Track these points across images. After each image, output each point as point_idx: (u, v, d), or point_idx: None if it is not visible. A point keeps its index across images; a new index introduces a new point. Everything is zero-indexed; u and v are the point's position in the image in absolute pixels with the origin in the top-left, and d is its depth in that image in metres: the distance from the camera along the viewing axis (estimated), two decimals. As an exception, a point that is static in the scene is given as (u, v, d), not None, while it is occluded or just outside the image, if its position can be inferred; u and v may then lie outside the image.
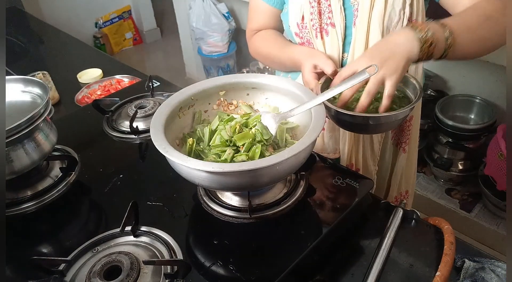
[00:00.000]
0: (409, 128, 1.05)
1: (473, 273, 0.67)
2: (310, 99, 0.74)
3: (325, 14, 0.91)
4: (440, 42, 0.75)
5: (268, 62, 1.10)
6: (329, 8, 0.90)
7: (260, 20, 1.06)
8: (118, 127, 1.05)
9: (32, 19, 2.23)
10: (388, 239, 0.70)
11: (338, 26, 0.90)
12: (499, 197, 1.74)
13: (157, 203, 0.80)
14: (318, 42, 0.94)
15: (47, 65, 1.70)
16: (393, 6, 0.86)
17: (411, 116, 1.04)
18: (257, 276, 0.64)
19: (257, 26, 1.07)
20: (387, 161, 1.11)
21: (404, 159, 1.09)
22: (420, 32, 0.74)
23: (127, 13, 3.91)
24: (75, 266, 0.68)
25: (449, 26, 0.76)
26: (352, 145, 1.01)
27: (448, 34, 0.75)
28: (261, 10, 1.04)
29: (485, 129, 1.79)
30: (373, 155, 1.05)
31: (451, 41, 0.75)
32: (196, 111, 0.83)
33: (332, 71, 0.84)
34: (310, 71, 0.88)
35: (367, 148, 1.03)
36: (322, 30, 0.93)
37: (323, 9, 0.91)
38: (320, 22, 0.92)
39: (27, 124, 0.74)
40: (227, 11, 2.81)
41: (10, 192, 0.81)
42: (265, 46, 1.04)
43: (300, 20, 0.94)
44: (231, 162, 0.70)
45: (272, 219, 0.73)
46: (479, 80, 1.88)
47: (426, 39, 0.73)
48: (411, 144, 1.08)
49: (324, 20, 0.91)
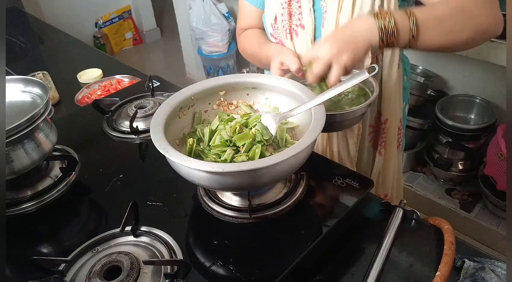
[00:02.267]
0: (384, 131, 1.04)
1: (473, 273, 0.67)
2: (310, 99, 0.74)
3: (295, 15, 0.93)
4: (403, 32, 0.74)
5: (251, 60, 1.11)
6: (299, 10, 0.92)
7: (246, 20, 1.09)
8: (118, 127, 1.05)
9: (32, 19, 2.22)
10: (388, 239, 0.70)
11: (307, 28, 0.92)
12: (499, 197, 1.74)
13: (157, 203, 0.80)
14: (288, 43, 0.96)
15: (47, 65, 1.70)
16: (361, 8, 0.86)
17: (386, 118, 1.02)
18: (257, 276, 0.64)
19: (244, 26, 1.10)
20: (365, 162, 1.11)
21: (381, 162, 1.08)
22: (382, 20, 0.73)
23: (127, 13, 3.91)
24: (75, 266, 0.68)
25: (415, 15, 0.74)
26: (325, 146, 1.02)
27: (412, 24, 0.74)
28: (247, 10, 1.07)
29: (485, 129, 1.79)
30: (349, 157, 1.04)
31: (415, 32, 0.74)
32: (196, 111, 0.83)
33: (296, 69, 0.84)
34: (277, 67, 0.89)
35: (342, 149, 1.03)
36: (292, 31, 0.95)
37: (294, 11, 0.92)
38: (290, 23, 0.94)
39: (27, 124, 0.74)
40: (227, 11, 2.82)
41: (10, 192, 0.81)
42: (248, 44, 1.07)
43: (273, 21, 0.97)
44: (231, 162, 0.70)
45: (272, 219, 0.73)
46: (479, 80, 1.88)
47: (387, 28, 0.73)
48: (388, 147, 1.07)
49: (294, 21, 0.93)
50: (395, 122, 1.04)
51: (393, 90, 0.99)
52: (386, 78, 0.97)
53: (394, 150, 1.08)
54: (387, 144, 1.06)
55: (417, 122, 1.99)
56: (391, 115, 1.02)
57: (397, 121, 1.05)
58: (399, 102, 1.03)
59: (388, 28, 0.73)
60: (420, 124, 1.99)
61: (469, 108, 1.94)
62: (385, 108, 1.01)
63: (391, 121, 1.03)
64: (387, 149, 1.07)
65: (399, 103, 1.03)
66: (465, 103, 1.94)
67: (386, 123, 1.03)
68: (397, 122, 1.05)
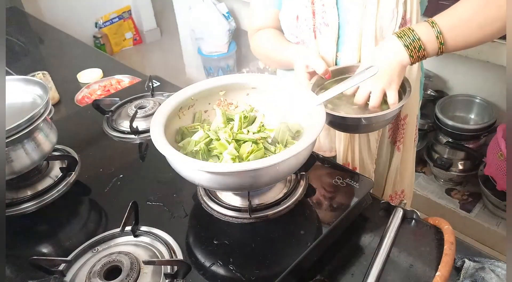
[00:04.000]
0: (403, 127, 1.05)
1: (473, 273, 0.67)
2: (311, 99, 0.74)
3: (319, 14, 0.92)
4: (431, 43, 0.76)
5: (267, 61, 1.11)
6: (322, 8, 0.91)
7: (260, 19, 1.07)
8: (118, 127, 1.05)
9: (32, 19, 2.22)
10: (388, 239, 0.70)
11: (331, 26, 0.91)
12: (499, 197, 1.74)
13: (157, 203, 0.80)
14: (312, 42, 0.95)
15: (47, 65, 1.70)
16: (386, 4, 0.86)
17: (406, 114, 1.03)
18: (257, 276, 0.64)
19: (258, 25, 1.08)
20: (384, 158, 1.11)
21: (399, 158, 1.09)
22: (406, 38, 0.76)
23: (127, 13, 3.91)
24: (75, 266, 0.68)
25: (438, 25, 0.76)
26: (347, 144, 1.02)
27: (437, 32, 0.75)
28: (261, 10, 1.06)
29: (485, 129, 1.79)
30: (370, 153, 1.05)
31: (442, 39, 0.76)
32: (196, 111, 0.83)
33: (323, 71, 0.85)
34: (302, 71, 0.89)
35: (363, 146, 1.03)
36: (316, 29, 0.94)
37: (317, 9, 0.92)
38: (314, 22, 0.93)
39: (27, 124, 0.74)
40: (227, 11, 2.81)
41: (10, 192, 0.81)
42: (264, 45, 1.06)
43: (295, 20, 0.95)
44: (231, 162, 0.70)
45: (272, 219, 0.73)
46: (479, 80, 1.88)
47: (413, 45, 0.76)
48: (406, 142, 1.07)
49: (318, 20, 0.92)
50: (413, 117, 1.05)
51: (414, 85, 0.98)
52: (408, 74, 0.97)
53: (412, 145, 1.09)
54: (405, 140, 1.07)
55: (417, 122, 1.99)
56: (411, 110, 1.03)
57: (416, 116, 1.06)
58: (418, 98, 1.04)
59: (414, 44, 0.76)
60: (420, 124, 1.99)
61: (469, 108, 1.94)
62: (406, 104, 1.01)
63: (411, 116, 1.04)
64: (405, 144, 1.07)
65: (418, 99, 1.04)
66: (465, 103, 1.94)
67: (406, 119, 1.04)
68: (415, 117, 1.06)
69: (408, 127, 1.05)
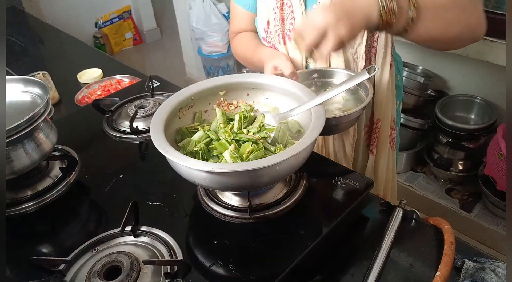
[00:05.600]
0: (376, 131, 1.05)
1: (473, 273, 0.67)
2: (310, 99, 0.74)
3: (288, 20, 0.93)
4: (403, 14, 0.71)
5: (244, 63, 1.12)
6: (291, 15, 0.92)
7: (239, 23, 1.09)
8: (118, 127, 1.05)
9: (32, 19, 2.22)
10: (388, 239, 0.70)
11: None
12: (499, 197, 1.74)
13: (157, 203, 0.80)
14: (281, 47, 0.97)
15: (47, 65, 1.70)
16: None
17: (378, 119, 1.03)
18: (257, 276, 0.64)
19: (237, 29, 1.11)
20: (360, 162, 1.11)
21: (372, 162, 1.08)
22: None
23: (127, 13, 3.91)
24: (75, 266, 0.68)
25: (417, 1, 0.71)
26: (320, 147, 1.02)
27: (412, 7, 0.71)
28: (239, 14, 1.08)
29: (485, 129, 1.79)
30: (346, 158, 1.04)
31: (413, 15, 0.72)
32: (196, 111, 0.83)
33: (290, 73, 0.86)
34: (271, 72, 0.90)
35: (339, 150, 1.03)
36: (285, 35, 0.95)
37: (286, 15, 0.92)
38: (283, 28, 0.94)
39: (27, 124, 0.74)
40: (227, 11, 2.81)
41: (10, 192, 0.81)
42: (241, 48, 1.08)
43: (266, 25, 0.97)
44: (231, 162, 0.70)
45: (272, 219, 0.73)
46: (479, 80, 1.88)
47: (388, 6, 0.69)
48: (379, 147, 1.07)
49: (286, 26, 0.93)
50: (387, 122, 1.04)
51: (385, 91, 0.99)
52: (378, 80, 0.98)
53: (387, 149, 1.08)
54: (379, 144, 1.07)
55: (417, 122, 1.99)
56: (383, 115, 1.03)
57: (390, 121, 1.05)
58: (391, 102, 1.03)
59: (389, 6, 0.69)
60: (420, 124, 2.00)
61: (469, 108, 1.94)
62: (377, 109, 1.01)
63: (383, 121, 1.03)
64: (379, 148, 1.07)
65: (392, 103, 1.04)
66: (465, 103, 1.94)
67: (378, 123, 1.03)
68: (389, 122, 1.05)
69: (382, 131, 1.05)
